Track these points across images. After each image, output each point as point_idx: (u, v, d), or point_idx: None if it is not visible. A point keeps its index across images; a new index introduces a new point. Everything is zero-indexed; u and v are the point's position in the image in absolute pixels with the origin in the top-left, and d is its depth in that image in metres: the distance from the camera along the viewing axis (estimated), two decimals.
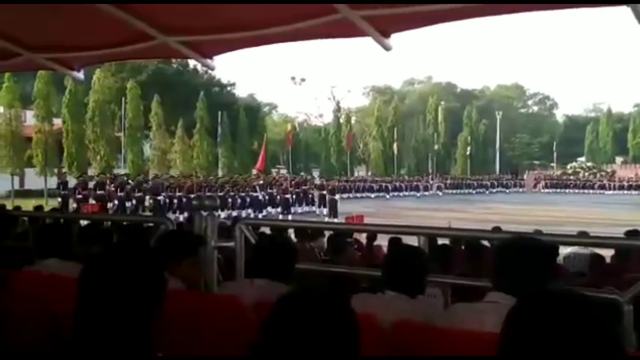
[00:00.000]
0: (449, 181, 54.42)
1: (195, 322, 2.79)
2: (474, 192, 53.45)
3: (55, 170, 35.64)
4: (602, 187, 56.32)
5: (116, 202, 28.76)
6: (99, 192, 28.69)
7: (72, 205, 27.85)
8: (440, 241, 6.73)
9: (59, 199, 28.22)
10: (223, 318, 2.81)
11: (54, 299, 2.73)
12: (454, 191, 52.05)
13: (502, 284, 2.56)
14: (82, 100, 39.33)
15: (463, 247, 7.50)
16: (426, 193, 48.87)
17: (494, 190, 55.10)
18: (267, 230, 7.60)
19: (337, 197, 31.49)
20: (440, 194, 49.02)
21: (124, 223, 7.86)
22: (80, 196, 28.25)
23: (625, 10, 2.64)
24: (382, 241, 8.56)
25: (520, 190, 57.89)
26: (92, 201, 28.22)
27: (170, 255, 3.31)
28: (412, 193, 48.10)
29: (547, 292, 1.52)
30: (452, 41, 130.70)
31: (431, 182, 50.92)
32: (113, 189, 29.38)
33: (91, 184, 29.79)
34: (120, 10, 3.41)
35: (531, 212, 29.59)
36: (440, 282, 3.79)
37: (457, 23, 3.42)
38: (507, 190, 56.39)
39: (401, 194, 46.97)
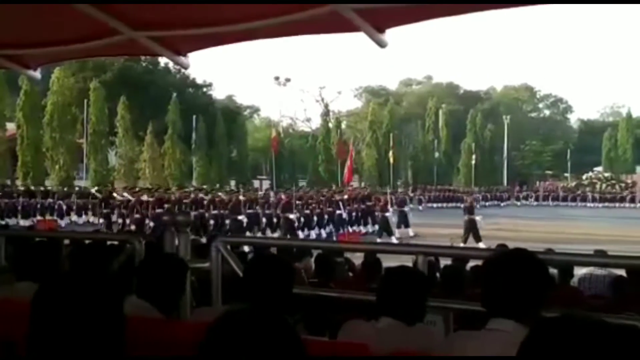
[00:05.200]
0: (433, 193, 52.71)
1: (167, 354, 2.77)
2: (462, 205, 52.11)
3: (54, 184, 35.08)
4: (622, 199, 56.69)
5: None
6: (157, 210, 26.36)
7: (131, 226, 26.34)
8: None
9: (101, 219, 27.22)
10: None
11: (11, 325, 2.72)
12: (439, 205, 50.13)
13: (495, 306, 2.56)
14: (39, 102, 39.21)
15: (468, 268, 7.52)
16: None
17: (487, 204, 54.12)
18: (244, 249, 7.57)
19: (479, 217, 26.40)
20: (421, 208, 46.40)
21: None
22: (138, 215, 26.70)
23: None
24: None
25: (518, 204, 57.27)
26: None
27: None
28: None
29: (562, 319, 1.53)
30: (454, 37, 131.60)
31: (411, 194, 48.79)
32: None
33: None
34: (82, 2, 3.40)
35: (539, 229, 29.56)
36: (441, 307, 3.79)
37: (459, 17, 3.45)
38: (502, 204, 55.54)
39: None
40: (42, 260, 3.83)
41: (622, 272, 6.71)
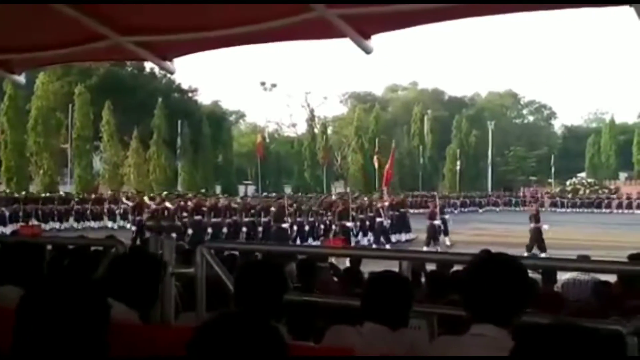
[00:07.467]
0: (411, 199, 49.89)
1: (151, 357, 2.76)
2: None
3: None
4: (605, 205, 57.12)
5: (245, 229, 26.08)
6: (196, 217, 25.70)
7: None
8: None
9: (133, 227, 26.29)
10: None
11: None
12: (413, 211, 49.04)
13: (477, 311, 2.57)
14: (23, 107, 39.00)
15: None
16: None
17: (465, 210, 53.77)
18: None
19: (546, 226, 24.24)
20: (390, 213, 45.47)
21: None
22: (178, 223, 25.39)
23: (628, 11, 2.67)
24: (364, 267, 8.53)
25: (497, 210, 56.95)
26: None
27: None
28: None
29: (548, 327, 1.54)
30: (440, 44, 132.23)
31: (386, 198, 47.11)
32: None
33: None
34: (68, 7, 3.39)
35: (522, 234, 29.47)
36: (426, 312, 3.79)
37: (445, 24, 3.47)
38: (481, 210, 55.53)
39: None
40: (24, 264, 3.81)
41: (605, 277, 6.75)
